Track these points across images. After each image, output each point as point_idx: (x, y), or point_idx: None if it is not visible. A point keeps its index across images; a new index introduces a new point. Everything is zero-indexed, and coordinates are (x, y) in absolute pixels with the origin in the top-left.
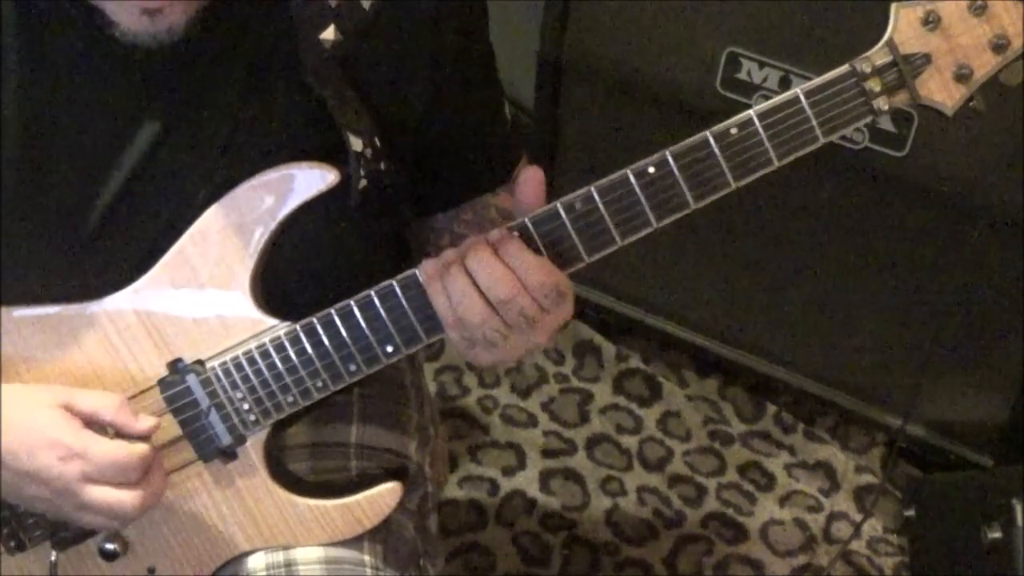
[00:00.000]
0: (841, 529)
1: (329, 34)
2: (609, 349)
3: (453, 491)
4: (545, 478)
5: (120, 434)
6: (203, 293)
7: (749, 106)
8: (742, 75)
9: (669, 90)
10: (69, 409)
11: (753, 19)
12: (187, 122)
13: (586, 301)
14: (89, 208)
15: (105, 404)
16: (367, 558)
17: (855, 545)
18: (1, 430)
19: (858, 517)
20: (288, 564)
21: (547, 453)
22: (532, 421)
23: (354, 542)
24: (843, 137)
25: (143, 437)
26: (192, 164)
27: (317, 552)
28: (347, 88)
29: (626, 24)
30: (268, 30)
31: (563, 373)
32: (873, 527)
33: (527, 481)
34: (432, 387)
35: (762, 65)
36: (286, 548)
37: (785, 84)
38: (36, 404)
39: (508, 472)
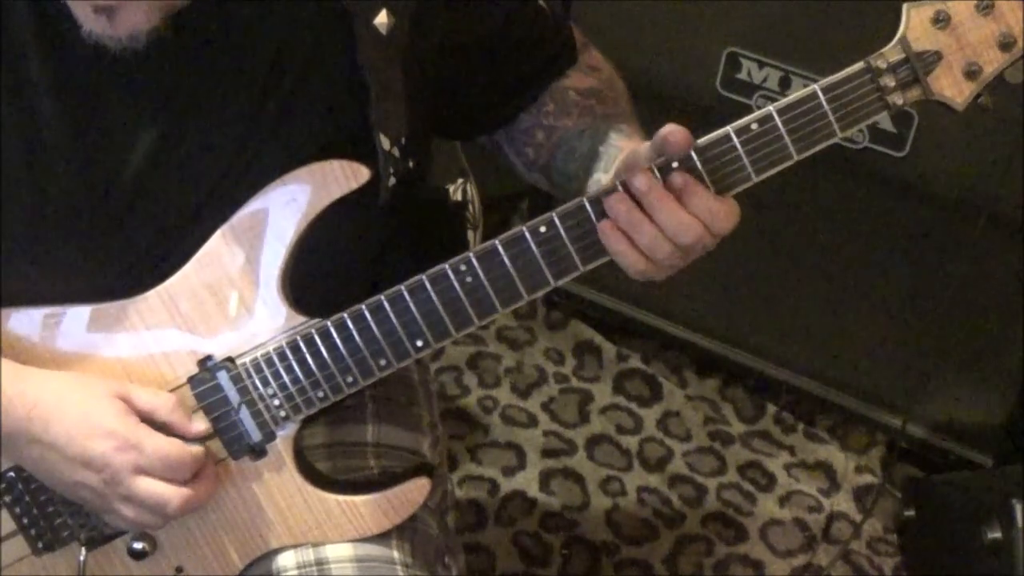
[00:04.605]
0: (841, 529)
1: (382, 18)
2: (609, 349)
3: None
4: (545, 478)
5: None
6: (233, 291)
7: (749, 106)
8: (742, 75)
9: (669, 90)
10: (126, 402)
11: (753, 19)
12: (190, 128)
13: (586, 301)
14: (101, 209)
15: (160, 403)
16: (396, 555)
17: (855, 545)
18: (43, 410)
19: (858, 517)
20: (319, 563)
21: (547, 453)
22: (532, 421)
23: (383, 540)
24: (843, 137)
25: (195, 439)
26: (205, 164)
27: (347, 550)
28: (397, 74)
29: (626, 24)
30: (297, 27)
31: (563, 373)
32: (873, 527)
33: (527, 481)
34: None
35: (762, 65)
36: (315, 546)
37: (785, 84)
38: (95, 393)
39: (508, 472)
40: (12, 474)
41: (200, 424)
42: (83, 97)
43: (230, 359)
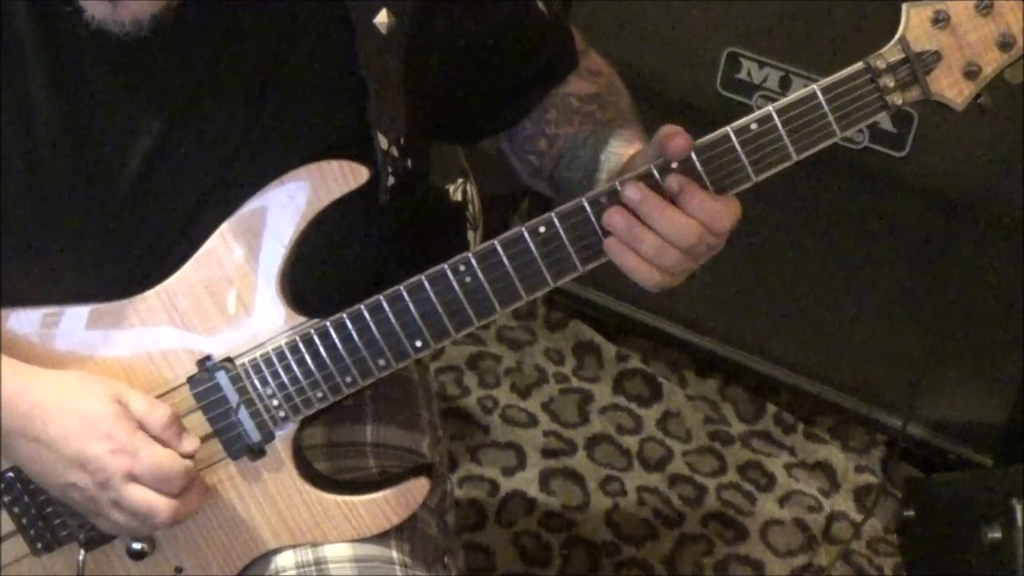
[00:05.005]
0: (841, 529)
1: (383, 18)
2: (609, 349)
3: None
4: (545, 478)
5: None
6: (232, 291)
7: (749, 106)
8: (742, 75)
9: (669, 90)
10: (122, 406)
11: (753, 19)
12: (194, 118)
13: (586, 301)
14: (100, 208)
15: (155, 416)
16: (395, 555)
17: (855, 545)
18: (34, 404)
19: (858, 517)
20: (318, 563)
21: (547, 453)
22: (532, 421)
23: (382, 540)
24: (843, 137)
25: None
26: (204, 161)
27: (346, 550)
28: (396, 74)
29: (626, 24)
30: (297, 25)
31: (563, 373)
32: (873, 527)
33: (527, 481)
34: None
35: (762, 65)
36: (314, 546)
37: (785, 84)
38: (94, 393)
39: (508, 472)
40: (12, 474)
41: (190, 444)
42: (82, 94)
43: (229, 359)
